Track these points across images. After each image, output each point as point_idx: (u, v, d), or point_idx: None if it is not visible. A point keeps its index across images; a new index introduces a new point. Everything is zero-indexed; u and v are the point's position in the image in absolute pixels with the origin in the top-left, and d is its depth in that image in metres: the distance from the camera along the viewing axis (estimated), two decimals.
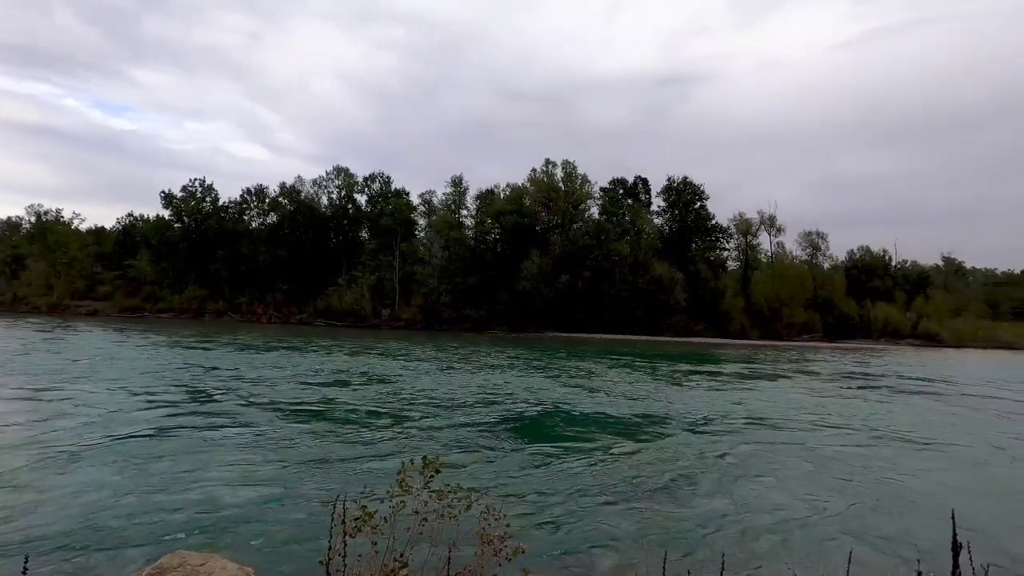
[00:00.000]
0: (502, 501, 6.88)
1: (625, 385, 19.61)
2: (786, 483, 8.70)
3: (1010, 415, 16.62)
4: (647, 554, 5.49)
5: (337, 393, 15.39)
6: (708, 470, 9.24)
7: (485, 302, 60.12)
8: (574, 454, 9.84)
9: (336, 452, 9.26)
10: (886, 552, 6.03)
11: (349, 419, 12.06)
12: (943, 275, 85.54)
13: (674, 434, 12.01)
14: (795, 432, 12.67)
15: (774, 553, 5.97)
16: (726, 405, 16.10)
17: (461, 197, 69.33)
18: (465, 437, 10.79)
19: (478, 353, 30.78)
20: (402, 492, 3.58)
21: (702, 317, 61.65)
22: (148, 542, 5.52)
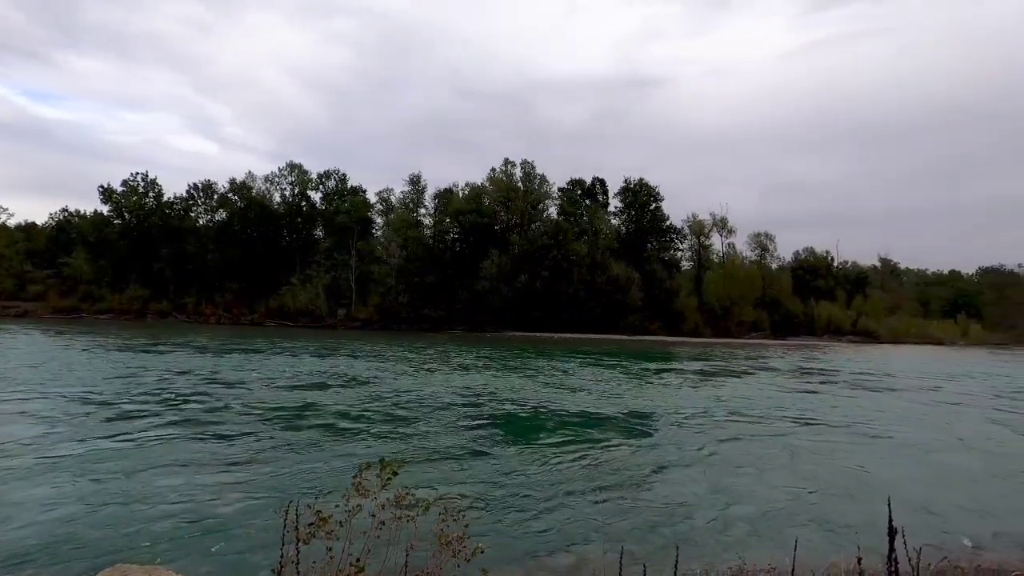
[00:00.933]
0: (462, 502, 6.86)
1: (592, 383, 19.86)
2: (750, 475, 9.00)
3: (950, 406, 17.81)
4: (605, 549, 5.58)
5: (298, 396, 14.97)
6: (671, 464, 9.46)
7: (444, 302, 59.73)
8: (537, 452, 9.89)
9: (295, 456, 9.01)
10: (839, 536, 6.33)
11: (309, 423, 11.76)
12: (880, 275, 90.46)
13: (637, 430, 12.25)
14: (763, 425, 13.14)
15: (729, 543, 6.16)
16: (693, 401, 16.54)
17: (419, 196, 68.65)
18: (428, 438, 10.68)
19: (441, 353, 30.54)
20: (358, 495, 3.51)
21: (657, 316, 63.06)
22: (94, 555, 5.23)
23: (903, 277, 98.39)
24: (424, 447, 9.98)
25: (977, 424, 14.68)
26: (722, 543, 6.18)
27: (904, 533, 2.74)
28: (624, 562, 2.94)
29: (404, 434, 10.95)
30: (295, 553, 3.02)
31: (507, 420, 12.87)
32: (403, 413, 13.09)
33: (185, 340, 32.62)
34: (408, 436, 10.79)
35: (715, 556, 5.68)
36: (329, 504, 3.47)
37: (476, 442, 10.51)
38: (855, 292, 77.90)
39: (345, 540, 3.33)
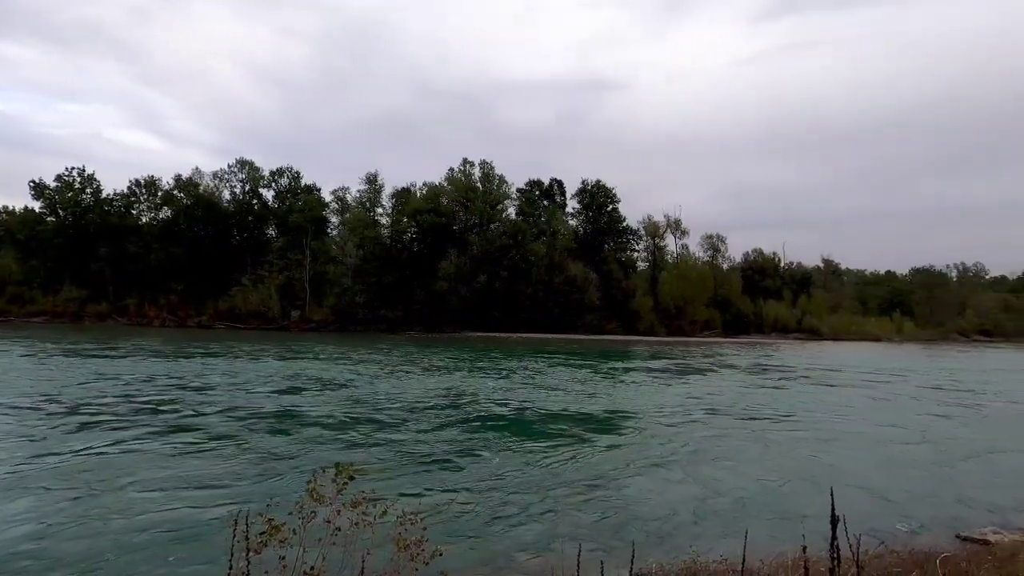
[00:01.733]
0: (422, 505, 6.79)
1: (559, 382, 19.99)
2: (710, 469, 9.26)
3: (899, 398, 18.91)
4: (565, 548, 5.62)
5: (262, 401, 14.44)
6: (633, 461, 9.62)
7: (401, 302, 58.99)
8: (500, 453, 9.89)
9: (261, 463, 8.71)
10: (792, 526, 6.58)
11: (275, 428, 11.37)
12: (823, 275, 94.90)
13: (600, 429, 12.40)
14: (726, 420, 13.55)
15: (685, 537, 6.32)
16: (657, 398, 16.92)
17: (376, 195, 67.57)
18: (388, 441, 10.52)
19: (402, 354, 30.11)
20: (313, 502, 3.42)
21: (614, 315, 64.15)
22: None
23: (844, 277, 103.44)
24: (385, 450, 9.83)
25: (923, 415, 15.58)
26: (677, 538, 6.33)
27: (846, 521, 2.88)
28: (583, 560, 2.97)
29: (364, 437, 10.75)
30: (245, 564, 2.91)
31: (470, 421, 12.81)
32: (364, 416, 12.84)
33: (134, 344, 31.01)
34: (368, 439, 10.60)
35: (670, 551, 5.81)
36: (283, 512, 3.37)
37: (438, 444, 10.42)
38: (800, 292, 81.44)
39: (299, 548, 3.24)
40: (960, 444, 11.97)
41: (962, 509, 7.74)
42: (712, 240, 78.40)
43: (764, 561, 4.87)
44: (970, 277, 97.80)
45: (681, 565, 4.91)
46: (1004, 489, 8.73)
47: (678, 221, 75.47)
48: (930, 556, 5.29)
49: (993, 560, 5.11)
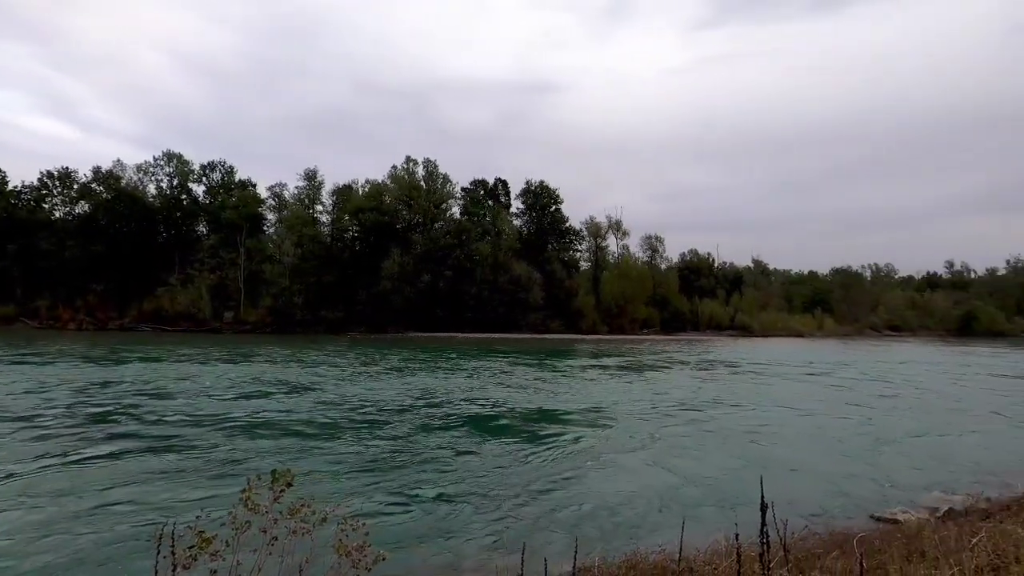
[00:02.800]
0: (365, 509, 6.64)
1: (506, 380, 20.00)
2: (657, 461, 9.52)
3: (834, 389, 20.14)
4: (508, 547, 5.65)
5: (191, 406, 13.63)
6: (578, 455, 9.77)
7: (343, 303, 57.47)
8: (446, 454, 9.80)
9: (189, 474, 8.21)
10: (732, 514, 6.87)
11: (204, 436, 10.75)
12: (753, 275, 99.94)
13: (549, 426, 12.51)
14: (677, 413, 13.94)
15: (628, 530, 6.49)
16: (613, 394, 17.19)
17: (316, 192, 65.47)
18: (331, 445, 10.20)
19: (345, 356, 29.29)
20: (247, 511, 3.27)
21: (558, 314, 65.04)
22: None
23: (772, 277, 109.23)
24: (329, 454, 9.53)
25: (850, 404, 16.67)
26: (621, 531, 6.50)
27: (775, 508, 3.04)
28: (527, 558, 2.99)
29: (308, 441, 10.39)
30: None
31: (418, 423, 12.64)
32: (308, 420, 12.41)
33: (59, 349, 28.58)
34: (312, 444, 10.25)
35: (613, 544, 5.96)
36: (216, 523, 3.20)
37: (384, 447, 10.21)
38: (733, 291, 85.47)
39: (232, 560, 3.09)
40: (881, 430, 12.91)
41: (879, 491, 8.35)
42: (651, 241, 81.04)
43: (700, 549, 5.07)
44: (882, 277, 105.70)
45: (622, 558, 5.04)
46: (916, 471, 9.49)
47: (619, 222, 77.50)
48: (848, 536, 5.68)
49: (902, 537, 5.54)
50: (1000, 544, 4.43)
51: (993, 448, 11.44)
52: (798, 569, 4.17)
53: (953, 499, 7.60)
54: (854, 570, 3.76)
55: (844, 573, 4.21)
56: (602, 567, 4.78)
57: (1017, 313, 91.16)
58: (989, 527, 5.36)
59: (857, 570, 3.01)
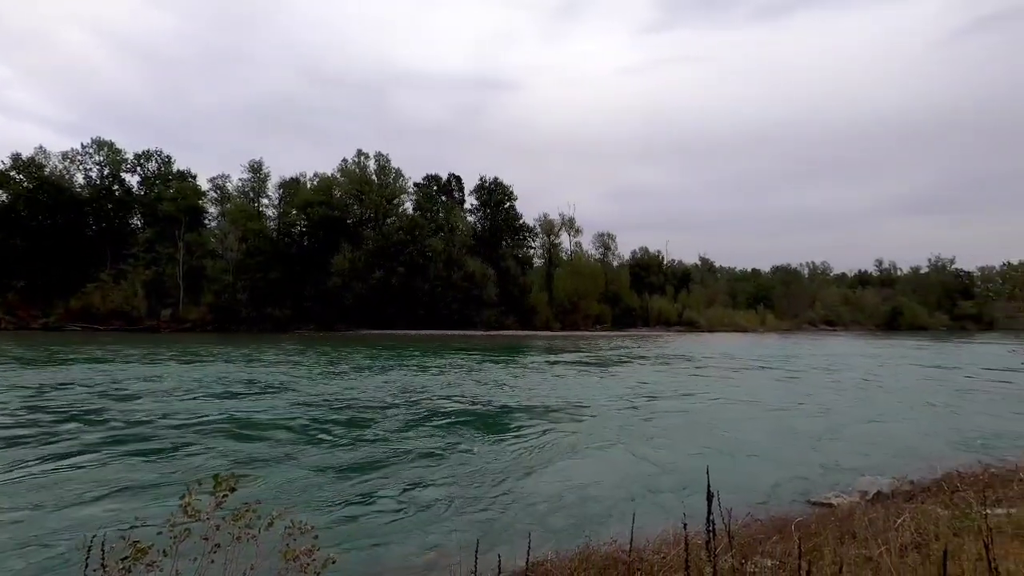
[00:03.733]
0: (314, 512, 6.46)
1: (465, 378, 19.86)
2: (612, 455, 9.66)
3: (786, 381, 21.03)
4: (460, 546, 5.62)
5: (132, 408, 12.84)
6: (536, 452, 9.81)
7: (290, 300, 55.74)
8: (399, 452, 9.65)
9: (127, 481, 7.73)
10: (682, 504, 7.07)
11: (146, 441, 10.15)
12: (700, 272, 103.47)
13: (512, 421, 12.51)
14: (635, 407, 14.15)
15: (580, 523, 6.58)
16: (574, 389, 17.32)
17: (261, 184, 63.22)
18: (281, 447, 9.86)
19: (294, 354, 28.38)
20: (187, 518, 3.12)
21: (512, 311, 65.33)
22: None
23: (718, 274, 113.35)
24: (278, 457, 9.21)
25: (794, 393, 17.49)
26: (573, 524, 6.58)
27: (720, 497, 3.15)
28: (482, 555, 2.98)
29: (254, 444, 10.01)
30: None
31: (371, 422, 12.39)
32: (256, 421, 11.95)
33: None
34: (260, 446, 9.88)
35: (566, 539, 6.03)
36: (152, 532, 3.04)
37: (336, 448, 9.96)
38: (681, 287, 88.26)
39: (171, 570, 2.94)
40: (822, 419, 13.63)
41: (817, 477, 8.79)
42: (603, 238, 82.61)
43: (650, 539, 5.20)
44: (819, 275, 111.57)
45: (575, 551, 5.11)
46: (851, 457, 10.04)
47: (572, 220, 78.56)
48: (788, 521, 5.96)
49: (836, 520, 5.86)
50: (922, 523, 4.75)
51: (920, 433, 12.28)
52: (742, 554, 4.34)
53: (881, 483, 8.10)
54: (793, 553, 3.95)
55: (784, 556, 4.42)
56: (555, 561, 4.83)
57: (937, 309, 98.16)
58: (912, 508, 5.75)
59: (796, 553, 3.15)
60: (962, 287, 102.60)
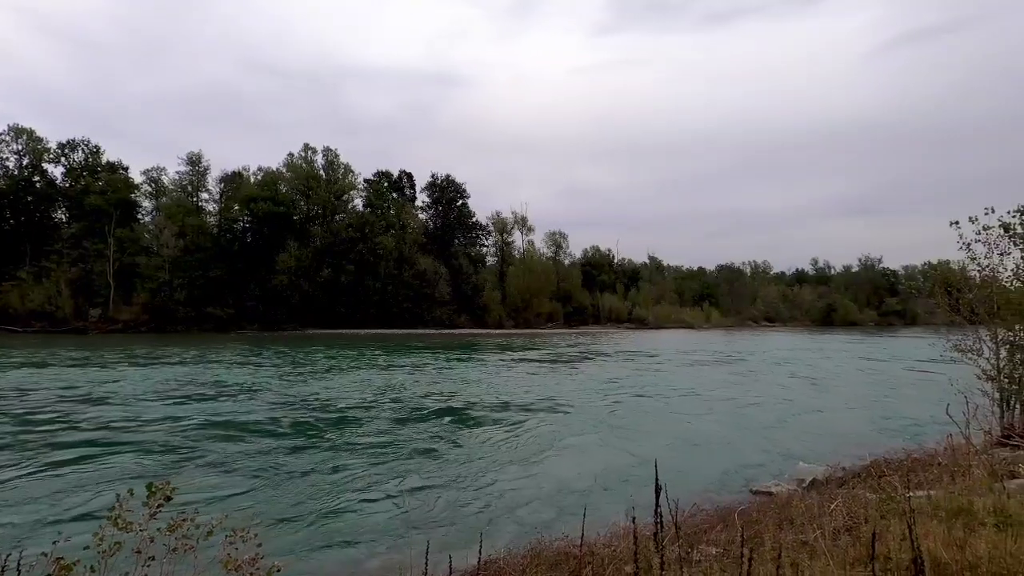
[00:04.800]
0: (258, 518, 6.22)
1: (422, 377, 19.55)
2: (568, 451, 9.72)
3: (727, 373, 21.62)
4: (412, 545, 5.55)
5: (59, 414, 11.93)
6: (490, 450, 9.78)
7: (232, 298, 53.54)
8: (348, 453, 9.42)
9: (53, 492, 7.19)
10: (631, 496, 7.20)
11: (73, 448, 9.46)
12: (649, 270, 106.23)
13: (468, 420, 12.41)
14: (594, 403, 14.27)
15: (533, 520, 6.61)
16: (531, 386, 17.32)
17: (201, 178, 60.38)
18: (221, 452, 9.43)
19: (237, 355, 27.21)
20: (118, 531, 2.93)
21: (464, 309, 65.08)
22: None
23: (665, 272, 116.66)
24: (219, 462, 8.81)
25: (745, 387, 18.12)
26: (525, 522, 6.61)
27: (667, 489, 3.22)
28: (433, 552, 2.95)
29: (194, 449, 9.53)
30: None
31: (319, 424, 12.05)
32: (195, 425, 11.38)
33: None
34: (199, 451, 9.42)
35: (519, 535, 6.05)
36: (78, 547, 2.84)
37: (280, 451, 9.63)
38: (631, 285, 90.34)
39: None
40: (767, 410, 14.28)
41: (760, 466, 9.18)
42: (555, 237, 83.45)
43: (600, 533, 5.29)
44: (760, 273, 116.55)
45: (527, 548, 5.14)
46: (795, 445, 10.55)
47: (524, 218, 79.01)
48: (731, 510, 6.20)
49: (775, 508, 6.14)
50: (852, 507, 5.04)
51: (853, 422, 13.06)
52: (688, 544, 4.47)
53: (817, 470, 8.54)
54: (736, 540, 4.10)
55: (727, 544, 4.59)
56: (507, 559, 4.84)
57: (867, 305, 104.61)
58: (844, 493, 6.09)
59: (738, 540, 3.27)
60: (888, 285, 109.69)
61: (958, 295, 10.18)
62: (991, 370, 9.53)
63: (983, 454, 7.32)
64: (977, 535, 3.24)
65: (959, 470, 6.25)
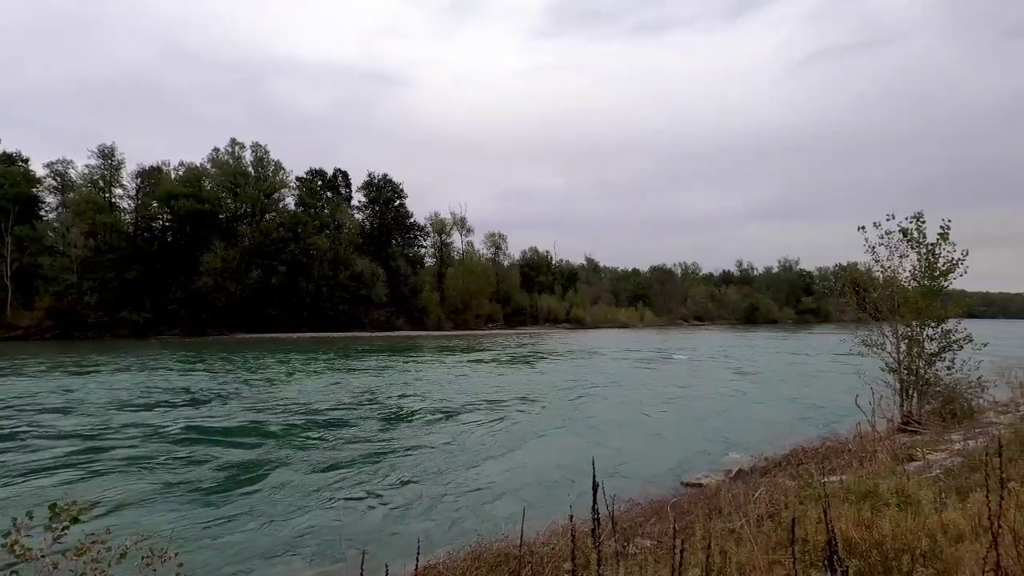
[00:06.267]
0: (178, 536, 5.84)
1: (358, 381, 18.93)
2: (508, 452, 9.71)
3: (670, 370, 22.27)
4: (348, 557, 5.39)
5: None
6: (430, 454, 9.62)
7: (151, 302, 50.09)
8: (276, 465, 9.01)
9: None
10: (570, 495, 7.28)
11: None
12: (586, 271, 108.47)
13: (410, 425, 12.13)
14: (533, 401, 14.26)
15: (473, 522, 6.57)
16: (474, 386, 17.11)
17: (114, 172, 56.01)
18: (137, 468, 8.77)
19: (155, 363, 25.39)
20: (15, 559, 2.66)
21: (402, 311, 63.97)
22: None
23: (602, 274, 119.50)
24: (135, 478, 8.20)
25: (686, 383, 18.77)
26: (466, 525, 6.57)
27: (604, 486, 3.29)
28: (368, 566, 2.87)
29: (107, 466, 8.81)
30: None
31: (244, 435, 11.46)
32: (107, 440, 10.52)
33: None
34: (112, 468, 8.72)
35: (458, 538, 6.01)
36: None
37: (203, 465, 9.08)
38: (568, 286, 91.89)
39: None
40: (700, 403, 14.90)
41: (691, 459, 9.57)
42: (494, 238, 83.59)
43: (540, 532, 5.34)
44: (690, 274, 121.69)
45: (467, 551, 5.11)
46: (723, 439, 11.06)
47: (463, 219, 78.62)
48: (664, 503, 6.43)
49: (705, 498, 6.42)
50: (775, 495, 5.35)
51: (776, 413, 13.90)
52: (624, 538, 4.60)
53: (742, 461, 9.02)
54: (668, 532, 4.25)
55: (661, 535, 4.75)
56: (447, 563, 4.79)
57: (786, 304, 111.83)
58: (767, 482, 6.45)
59: (671, 532, 3.40)
60: (805, 285, 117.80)
61: (864, 294, 11.06)
62: (893, 363, 10.41)
63: (886, 440, 7.97)
64: (882, 515, 3.52)
65: (866, 456, 6.77)
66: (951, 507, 3.57)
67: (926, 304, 9.94)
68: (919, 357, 10.15)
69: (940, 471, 5.63)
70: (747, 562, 3.12)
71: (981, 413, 10.03)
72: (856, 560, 2.97)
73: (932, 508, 3.56)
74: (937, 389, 10.19)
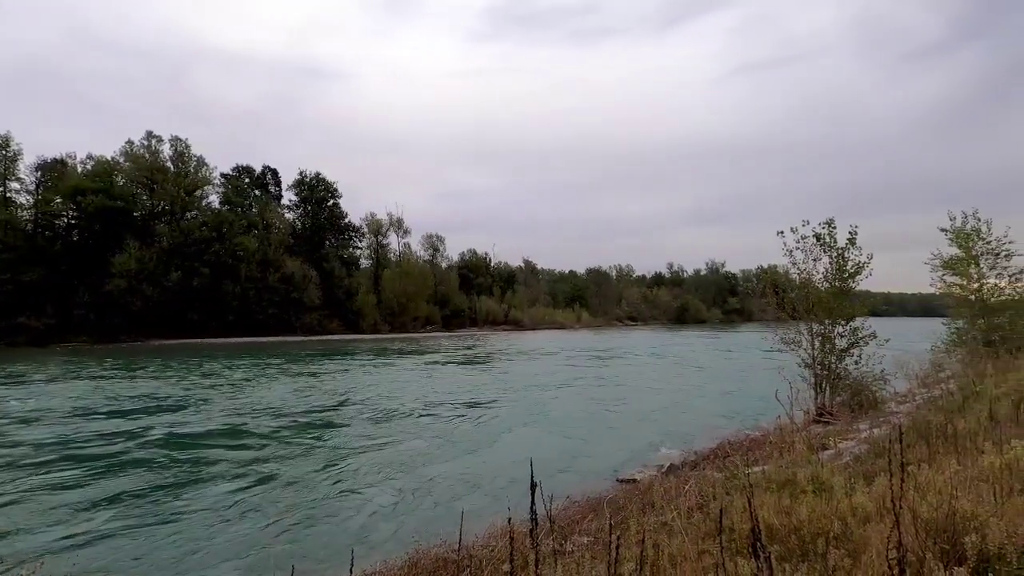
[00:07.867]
0: (81, 560, 5.37)
1: (285, 388, 18.05)
2: (442, 457, 9.55)
3: (606, 368, 22.62)
4: (280, 570, 5.17)
5: None
6: (366, 459, 9.33)
7: (54, 307, 45.94)
8: (196, 479, 8.48)
9: None
10: (509, 496, 7.27)
11: None
12: (524, 273, 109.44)
13: (333, 429, 11.70)
14: (471, 404, 14.06)
15: (411, 529, 6.44)
16: (418, 390, 16.67)
17: (10, 165, 50.87)
18: (39, 487, 7.98)
19: (58, 372, 23.21)
20: None
21: (336, 314, 62.08)
22: None
23: (540, 276, 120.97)
24: (34, 499, 7.46)
25: (624, 380, 19.18)
26: (404, 532, 6.44)
27: (542, 487, 3.31)
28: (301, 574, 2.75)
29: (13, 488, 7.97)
30: None
31: (159, 447, 10.70)
32: (21, 456, 9.51)
33: None
34: (13, 487, 7.89)
35: (396, 547, 5.87)
36: None
37: (117, 480, 8.40)
38: (507, 288, 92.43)
39: None
40: (636, 400, 15.35)
41: (627, 455, 9.83)
42: (432, 240, 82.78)
43: (479, 534, 5.31)
44: (624, 276, 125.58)
45: (405, 558, 5.00)
46: (657, 435, 11.43)
47: (400, 220, 77.34)
48: (600, 500, 6.57)
49: (639, 494, 6.62)
50: (703, 487, 5.59)
51: (705, 408, 14.56)
52: (562, 536, 4.66)
53: (673, 456, 9.37)
54: (605, 528, 4.34)
55: (598, 532, 4.85)
56: (383, 572, 4.68)
57: (714, 304, 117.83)
58: (696, 475, 6.74)
59: (607, 528, 3.47)
60: (730, 286, 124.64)
61: (783, 295, 11.83)
62: (808, 358, 11.19)
63: (803, 431, 8.52)
64: (799, 501, 3.75)
65: (786, 446, 7.21)
66: (859, 491, 3.86)
67: (837, 304, 10.78)
68: (831, 353, 10.97)
69: (850, 458, 6.08)
70: (678, 553, 3.23)
71: (884, 403, 10.94)
72: (777, 545, 3.15)
73: (843, 493, 3.83)
74: (847, 382, 11.05)
